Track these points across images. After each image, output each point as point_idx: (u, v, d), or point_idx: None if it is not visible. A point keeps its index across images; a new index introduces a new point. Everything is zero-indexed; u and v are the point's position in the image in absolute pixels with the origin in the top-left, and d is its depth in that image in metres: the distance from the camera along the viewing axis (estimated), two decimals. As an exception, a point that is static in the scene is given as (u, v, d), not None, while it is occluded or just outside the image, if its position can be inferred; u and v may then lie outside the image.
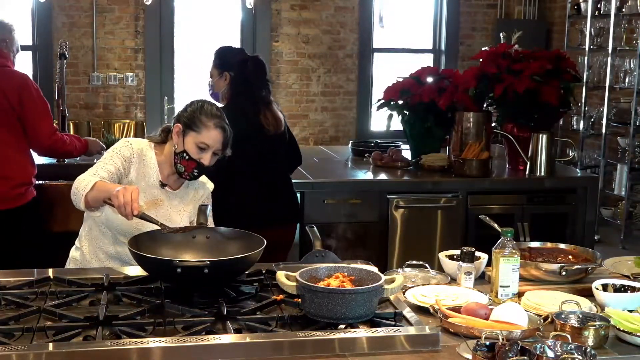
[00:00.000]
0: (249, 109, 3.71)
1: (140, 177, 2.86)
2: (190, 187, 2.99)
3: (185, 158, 2.83)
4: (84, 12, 6.88)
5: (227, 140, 2.86)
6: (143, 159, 2.88)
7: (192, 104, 2.90)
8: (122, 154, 2.84)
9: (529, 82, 4.45)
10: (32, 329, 2.04)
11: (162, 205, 2.90)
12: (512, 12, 7.89)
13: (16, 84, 3.79)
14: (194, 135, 2.83)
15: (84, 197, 2.60)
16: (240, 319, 2.14)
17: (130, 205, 2.44)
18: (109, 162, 2.81)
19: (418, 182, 4.50)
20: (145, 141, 2.96)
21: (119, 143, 2.90)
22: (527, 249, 2.83)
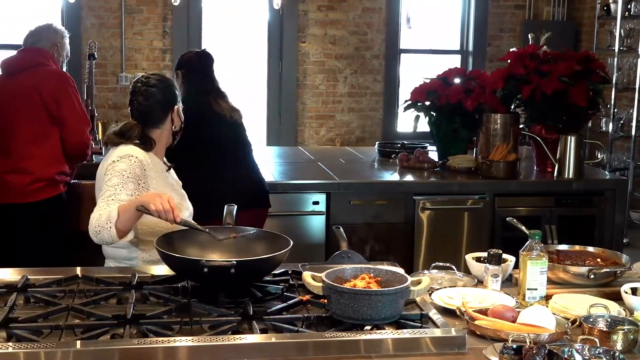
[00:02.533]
0: (201, 99, 3.87)
1: (157, 178, 2.88)
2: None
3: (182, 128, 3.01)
4: (113, 13, 6.93)
5: None
6: (149, 162, 2.88)
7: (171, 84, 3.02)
8: (133, 176, 2.75)
9: (557, 84, 4.42)
10: (60, 326, 2.06)
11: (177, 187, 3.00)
12: (541, 13, 7.83)
13: (54, 83, 3.84)
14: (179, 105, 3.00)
15: (113, 228, 2.53)
16: (266, 319, 2.15)
17: (171, 212, 2.47)
18: (121, 191, 2.68)
19: (445, 183, 4.48)
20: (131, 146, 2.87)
21: (123, 162, 2.76)
22: (555, 252, 2.81)
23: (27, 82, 3.82)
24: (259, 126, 7.38)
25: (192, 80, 3.95)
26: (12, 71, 3.92)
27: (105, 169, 2.79)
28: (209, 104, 3.88)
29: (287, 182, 4.36)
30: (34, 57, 3.92)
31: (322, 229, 4.29)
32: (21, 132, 3.81)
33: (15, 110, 3.81)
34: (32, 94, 3.79)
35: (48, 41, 4.00)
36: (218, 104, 3.90)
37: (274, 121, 7.37)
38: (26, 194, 3.76)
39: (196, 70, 3.97)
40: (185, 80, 3.97)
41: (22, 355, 1.86)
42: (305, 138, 7.40)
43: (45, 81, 3.83)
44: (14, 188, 3.77)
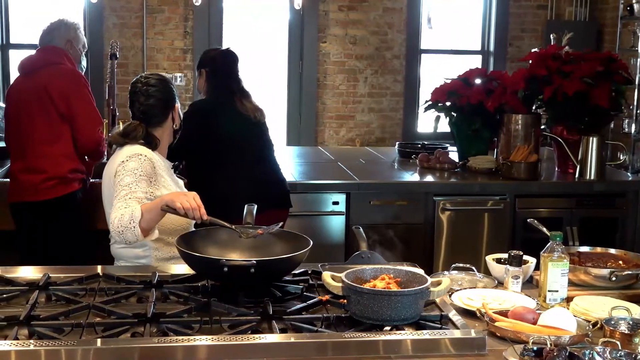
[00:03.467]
0: (226, 98, 3.87)
1: (165, 175, 2.90)
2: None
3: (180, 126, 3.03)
4: (135, 13, 6.96)
5: None
6: (158, 161, 2.91)
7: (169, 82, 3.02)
8: (145, 174, 2.76)
9: (579, 84, 4.39)
10: (81, 324, 2.08)
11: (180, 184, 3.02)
12: (563, 13, 7.78)
13: (63, 82, 3.84)
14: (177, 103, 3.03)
15: (137, 228, 2.54)
16: (285, 318, 2.15)
17: (198, 210, 2.49)
18: (136, 189, 2.69)
19: (465, 184, 4.47)
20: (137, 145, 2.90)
21: (134, 161, 2.77)
22: (577, 254, 2.79)
23: (39, 81, 3.83)
24: (279, 126, 7.39)
25: (216, 79, 3.92)
26: (28, 71, 3.94)
27: (114, 169, 2.79)
28: (233, 104, 3.87)
29: (307, 182, 4.36)
30: (47, 56, 3.94)
31: (341, 229, 4.29)
32: (34, 132, 3.83)
33: (29, 110, 3.84)
34: (43, 93, 3.81)
35: (61, 39, 4.01)
36: (242, 103, 3.88)
37: (294, 121, 7.37)
38: (38, 192, 3.78)
39: (220, 70, 3.94)
40: (209, 79, 3.93)
41: (43, 353, 1.88)
42: (325, 138, 7.40)
43: (54, 80, 3.84)
44: (27, 187, 3.79)
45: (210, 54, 4.05)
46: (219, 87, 3.91)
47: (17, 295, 2.34)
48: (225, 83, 3.90)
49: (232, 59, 4.01)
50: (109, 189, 2.83)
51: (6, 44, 6.90)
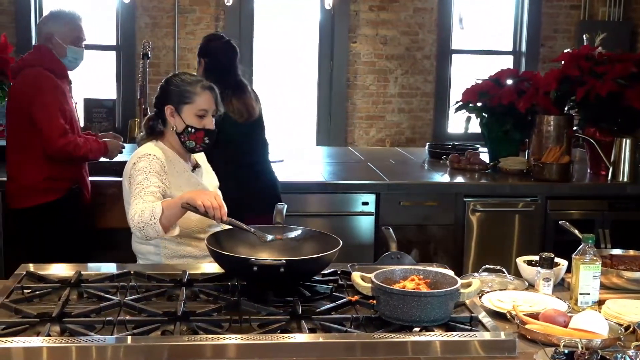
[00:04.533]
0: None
1: (178, 178, 2.90)
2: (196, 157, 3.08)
3: (192, 132, 2.89)
4: (167, 13, 7.01)
5: (217, 97, 2.93)
6: (170, 161, 2.90)
7: (169, 82, 2.95)
8: (154, 171, 2.78)
9: (612, 85, 4.35)
10: (112, 322, 2.09)
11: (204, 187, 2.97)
12: (596, 13, 7.70)
13: (27, 87, 3.70)
14: (189, 107, 2.88)
15: (158, 224, 2.55)
16: (314, 318, 2.15)
17: (219, 210, 2.48)
18: (148, 184, 2.72)
19: (496, 185, 4.44)
20: (157, 144, 2.94)
21: (143, 161, 2.81)
22: (609, 256, 2.76)
23: (15, 86, 3.78)
24: (309, 126, 7.40)
25: (213, 73, 3.83)
26: (14, 74, 3.86)
27: (129, 171, 2.84)
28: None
29: (336, 182, 4.36)
30: (26, 58, 3.82)
31: (371, 230, 4.29)
32: (9, 139, 3.79)
33: (8, 117, 3.80)
34: (15, 99, 3.75)
35: (41, 36, 3.83)
36: (231, 102, 3.78)
37: (324, 121, 7.38)
38: (16, 199, 3.76)
39: (220, 64, 3.88)
40: (207, 71, 3.87)
41: (74, 350, 1.90)
42: (355, 138, 7.40)
43: (22, 86, 3.72)
44: (9, 194, 3.80)
45: (211, 45, 3.97)
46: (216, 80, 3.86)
47: (50, 292, 2.37)
48: (222, 79, 3.77)
49: (233, 54, 3.94)
50: (125, 188, 2.87)
51: (40, 44, 6.98)
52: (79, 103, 6.77)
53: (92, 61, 7.22)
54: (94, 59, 7.25)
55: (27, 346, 1.90)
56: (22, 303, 2.25)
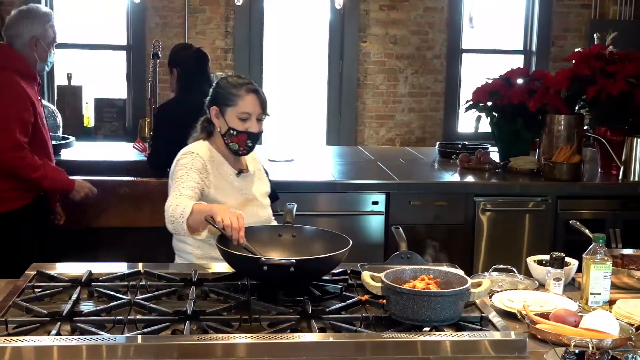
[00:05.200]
0: (193, 100, 3.82)
1: (220, 180, 2.91)
2: (249, 163, 3.09)
3: (234, 134, 2.90)
4: (177, 13, 7.01)
5: (263, 101, 2.92)
6: (213, 162, 2.92)
7: (217, 84, 2.99)
8: (195, 168, 2.83)
9: (623, 85, 4.33)
10: (122, 321, 2.10)
11: (247, 194, 2.96)
12: (607, 12, 7.67)
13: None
14: (232, 110, 2.90)
15: (185, 224, 2.58)
16: (324, 318, 2.16)
17: (238, 232, 2.45)
18: (188, 179, 2.77)
19: (506, 185, 4.43)
20: (204, 143, 2.98)
21: (186, 157, 2.87)
22: (620, 256, 2.76)
23: None
24: (319, 126, 7.40)
25: (187, 81, 3.96)
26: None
27: (172, 167, 2.91)
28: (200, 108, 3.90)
29: (346, 181, 4.36)
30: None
31: (381, 229, 4.28)
32: None
33: None
34: None
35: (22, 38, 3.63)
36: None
37: (333, 121, 7.37)
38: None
39: (192, 71, 3.98)
40: (181, 79, 3.98)
41: (84, 349, 1.91)
42: (365, 138, 7.39)
43: None
44: None
45: (181, 54, 4.07)
46: (189, 88, 3.96)
47: (60, 291, 2.37)
48: (195, 84, 3.93)
49: (203, 59, 4.05)
50: (170, 186, 2.92)
51: (51, 44, 7.00)
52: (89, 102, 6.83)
53: (103, 61, 7.26)
54: (105, 59, 7.28)
55: (38, 345, 1.91)
56: (33, 302, 2.26)
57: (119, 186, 4.02)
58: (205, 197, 2.84)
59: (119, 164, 4.63)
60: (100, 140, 6.60)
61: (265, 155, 4.77)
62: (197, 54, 4.06)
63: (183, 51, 4.11)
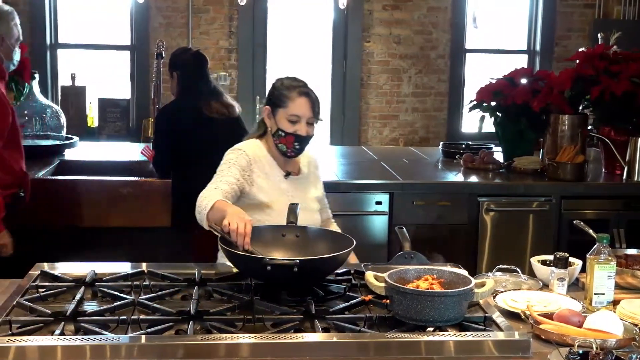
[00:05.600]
0: (193, 104, 3.93)
1: (266, 180, 2.92)
2: (304, 166, 3.07)
3: (282, 135, 2.91)
4: (180, 13, 7.02)
5: (314, 104, 2.93)
6: (260, 161, 2.94)
7: (273, 84, 3.01)
8: (238, 164, 2.87)
9: (627, 85, 4.33)
10: (126, 321, 2.10)
11: (294, 196, 2.95)
12: (611, 12, 7.66)
13: None
14: (282, 111, 2.91)
15: (205, 216, 2.61)
16: (328, 318, 2.15)
17: (243, 237, 2.41)
18: (228, 174, 2.83)
19: (510, 185, 4.43)
20: (256, 142, 3.00)
21: (233, 153, 2.92)
22: (624, 256, 2.75)
23: None
24: (323, 125, 7.39)
25: (186, 83, 4.01)
26: None
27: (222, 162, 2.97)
28: (200, 110, 3.95)
29: (350, 181, 4.36)
30: None
31: (384, 229, 4.28)
32: None
33: None
34: None
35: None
36: (210, 106, 3.95)
37: (337, 121, 7.37)
38: None
39: (192, 74, 4.03)
40: (180, 82, 4.04)
41: (88, 348, 1.91)
42: (368, 138, 7.39)
43: None
44: None
45: (181, 58, 4.12)
46: (189, 91, 4.00)
47: (64, 291, 2.38)
48: (195, 86, 3.99)
49: (202, 62, 4.09)
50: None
51: (54, 44, 7.02)
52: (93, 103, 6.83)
53: (107, 61, 7.27)
54: (108, 59, 7.29)
55: (42, 345, 1.91)
56: (37, 302, 2.26)
57: (122, 186, 4.02)
58: (246, 195, 2.87)
59: (123, 164, 4.63)
60: (104, 140, 6.61)
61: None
62: (195, 57, 4.10)
63: (182, 54, 4.15)
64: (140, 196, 4.00)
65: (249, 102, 7.17)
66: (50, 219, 3.95)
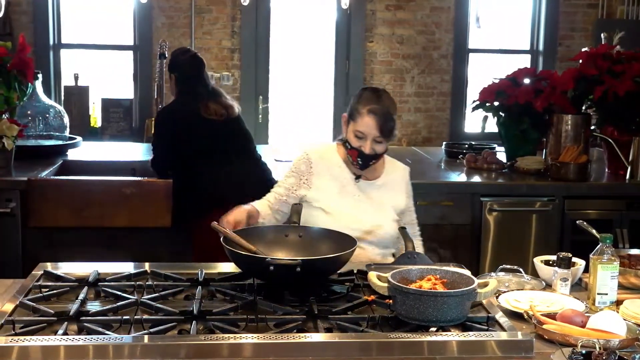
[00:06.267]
0: (191, 106, 3.95)
1: (331, 180, 2.96)
2: (387, 173, 3.08)
3: (348, 147, 2.94)
4: (183, 13, 7.02)
5: (383, 125, 2.88)
6: (327, 164, 2.98)
7: (356, 93, 3.01)
8: (298, 171, 2.98)
9: (630, 85, 4.32)
10: (129, 321, 2.10)
11: (361, 200, 2.95)
12: (614, 12, 7.65)
13: None
14: (352, 124, 2.94)
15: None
16: (331, 318, 2.15)
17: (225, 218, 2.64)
18: (282, 184, 3.01)
19: (513, 185, 4.42)
20: (331, 145, 3.07)
21: (298, 157, 3.03)
22: (627, 256, 2.75)
23: None
24: (326, 125, 7.40)
25: (184, 85, 4.03)
26: None
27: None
28: (197, 111, 3.95)
29: (353, 181, 4.35)
30: None
31: (387, 229, 4.27)
32: None
33: None
34: None
35: None
36: (208, 107, 3.97)
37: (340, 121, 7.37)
38: None
39: (189, 75, 4.05)
40: (179, 84, 4.06)
41: (91, 348, 1.91)
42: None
43: None
44: None
45: (178, 59, 4.14)
46: (186, 92, 4.02)
47: (67, 291, 2.38)
48: (193, 88, 4.01)
49: (199, 64, 4.11)
50: None
51: (58, 44, 7.02)
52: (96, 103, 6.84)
53: (110, 61, 7.27)
54: (111, 59, 7.30)
55: (45, 345, 1.91)
56: (40, 302, 2.27)
57: (125, 186, 4.02)
58: (302, 197, 2.97)
59: (126, 164, 4.63)
60: (107, 140, 6.61)
61: (272, 155, 4.78)
62: (193, 59, 4.12)
63: (180, 56, 4.17)
64: (143, 196, 4.00)
65: (252, 102, 7.18)
66: (54, 219, 3.95)
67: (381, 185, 3.05)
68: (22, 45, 4.13)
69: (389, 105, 2.91)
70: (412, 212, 3.18)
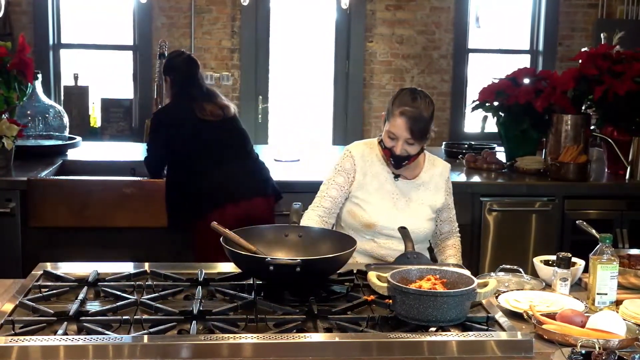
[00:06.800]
0: (185, 107, 3.93)
1: (371, 178, 3.00)
2: (426, 172, 3.10)
3: (382, 147, 2.97)
4: (183, 13, 7.03)
5: (416, 128, 2.88)
6: (367, 160, 3.01)
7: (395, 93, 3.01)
8: (343, 169, 3.01)
9: (630, 84, 4.32)
10: (129, 320, 2.10)
11: (398, 199, 2.98)
12: (614, 12, 7.66)
13: None
14: (387, 124, 2.96)
15: None
16: (330, 318, 2.15)
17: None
18: (332, 185, 3.01)
19: (512, 185, 4.42)
20: (372, 141, 3.07)
21: (342, 155, 3.07)
22: (627, 256, 2.75)
23: None
24: (326, 125, 7.40)
25: (179, 87, 4.03)
26: None
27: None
28: (192, 112, 3.94)
29: (352, 181, 4.35)
30: None
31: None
32: None
33: None
34: None
35: None
36: (203, 108, 3.95)
37: (340, 121, 7.38)
38: None
39: (184, 77, 4.04)
40: (174, 86, 4.05)
41: (91, 348, 1.91)
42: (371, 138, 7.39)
43: None
44: None
45: (172, 62, 4.13)
46: (180, 95, 4.02)
47: (67, 291, 2.38)
48: (187, 90, 4.01)
49: (194, 66, 4.10)
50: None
51: (57, 44, 7.03)
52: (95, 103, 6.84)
53: (109, 61, 7.28)
54: (111, 59, 7.30)
55: (45, 345, 1.91)
56: (40, 302, 2.27)
57: (125, 186, 4.02)
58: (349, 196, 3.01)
59: (125, 164, 4.63)
60: (107, 140, 6.61)
61: (271, 155, 4.77)
62: (187, 61, 4.11)
63: (175, 58, 4.17)
64: (143, 196, 4.00)
65: (252, 101, 7.19)
66: (54, 219, 3.95)
67: (420, 185, 3.07)
68: (22, 45, 4.13)
69: (423, 107, 2.90)
70: (450, 209, 3.21)
